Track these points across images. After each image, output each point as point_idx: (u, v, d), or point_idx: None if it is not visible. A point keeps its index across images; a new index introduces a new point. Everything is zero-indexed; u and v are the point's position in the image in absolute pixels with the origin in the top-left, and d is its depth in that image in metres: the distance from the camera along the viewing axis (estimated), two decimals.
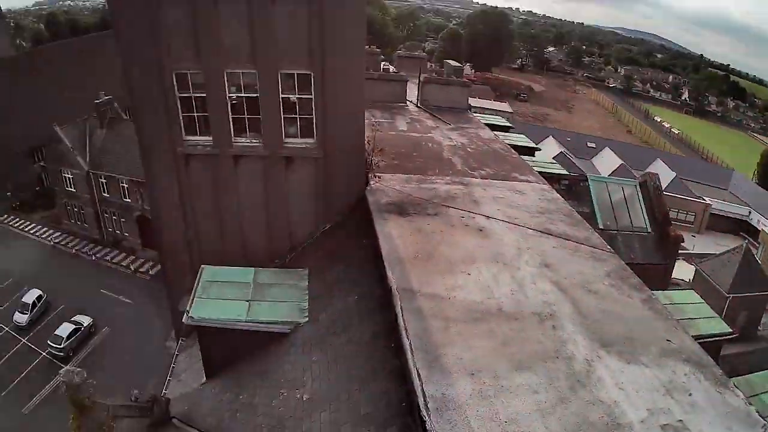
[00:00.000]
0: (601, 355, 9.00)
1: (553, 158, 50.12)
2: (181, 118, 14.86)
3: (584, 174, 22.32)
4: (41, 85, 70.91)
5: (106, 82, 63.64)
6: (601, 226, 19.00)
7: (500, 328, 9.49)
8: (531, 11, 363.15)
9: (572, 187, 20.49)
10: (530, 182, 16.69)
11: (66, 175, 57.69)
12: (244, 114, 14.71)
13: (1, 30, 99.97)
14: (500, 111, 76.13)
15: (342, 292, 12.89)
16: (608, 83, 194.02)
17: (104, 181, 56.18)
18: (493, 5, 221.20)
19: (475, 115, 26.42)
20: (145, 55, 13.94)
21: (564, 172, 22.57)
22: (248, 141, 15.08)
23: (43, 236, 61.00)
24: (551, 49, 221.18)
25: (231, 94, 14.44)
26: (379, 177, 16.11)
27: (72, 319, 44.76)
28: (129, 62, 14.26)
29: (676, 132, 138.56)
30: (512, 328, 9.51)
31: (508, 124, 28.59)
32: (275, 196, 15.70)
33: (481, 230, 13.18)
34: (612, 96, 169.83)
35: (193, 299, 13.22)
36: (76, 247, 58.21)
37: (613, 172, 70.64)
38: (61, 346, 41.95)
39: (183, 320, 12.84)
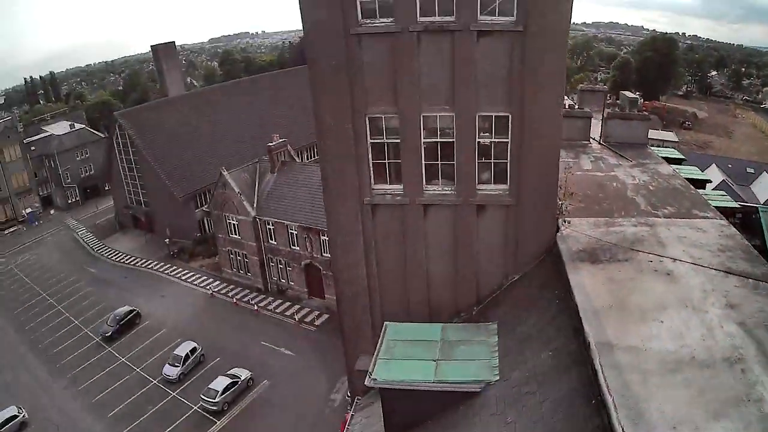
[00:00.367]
0: None
1: (717, 186, 56.76)
2: (371, 165, 16.70)
3: (755, 205, 22.92)
4: (209, 127, 79.04)
5: (279, 123, 68.54)
6: None
7: (695, 376, 10.62)
8: (695, 35, 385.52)
9: (744, 218, 22.09)
10: (709, 218, 17.62)
11: (231, 221, 62.72)
12: (436, 160, 16.34)
13: (174, 67, 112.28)
14: (666, 140, 77.03)
15: (534, 347, 13.95)
16: (764, 104, 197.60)
17: (272, 227, 59.88)
18: (663, 31, 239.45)
19: (651, 148, 26.89)
20: (340, 99, 15.93)
21: (735, 204, 24.14)
22: (440, 189, 16.72)
23: (202, 285, 66.46)
24: (713, 73, 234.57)
25: (425, 139, 16.02)
26: (569, 222, 17.10)
27: (228, 372, 47.63)
28: (322, 108, 16.39)
29: None
30: (705, 375, 10.63)
31: (681, 156, 30.00)
32: (464, 246, 17.09)
33: (668, 274, 14.24)
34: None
35: (376, 360, 14.71)
36: (237, 297, 62.52)
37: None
38: (216, 399, 44.46)
39: (366, 382, 14.25)
